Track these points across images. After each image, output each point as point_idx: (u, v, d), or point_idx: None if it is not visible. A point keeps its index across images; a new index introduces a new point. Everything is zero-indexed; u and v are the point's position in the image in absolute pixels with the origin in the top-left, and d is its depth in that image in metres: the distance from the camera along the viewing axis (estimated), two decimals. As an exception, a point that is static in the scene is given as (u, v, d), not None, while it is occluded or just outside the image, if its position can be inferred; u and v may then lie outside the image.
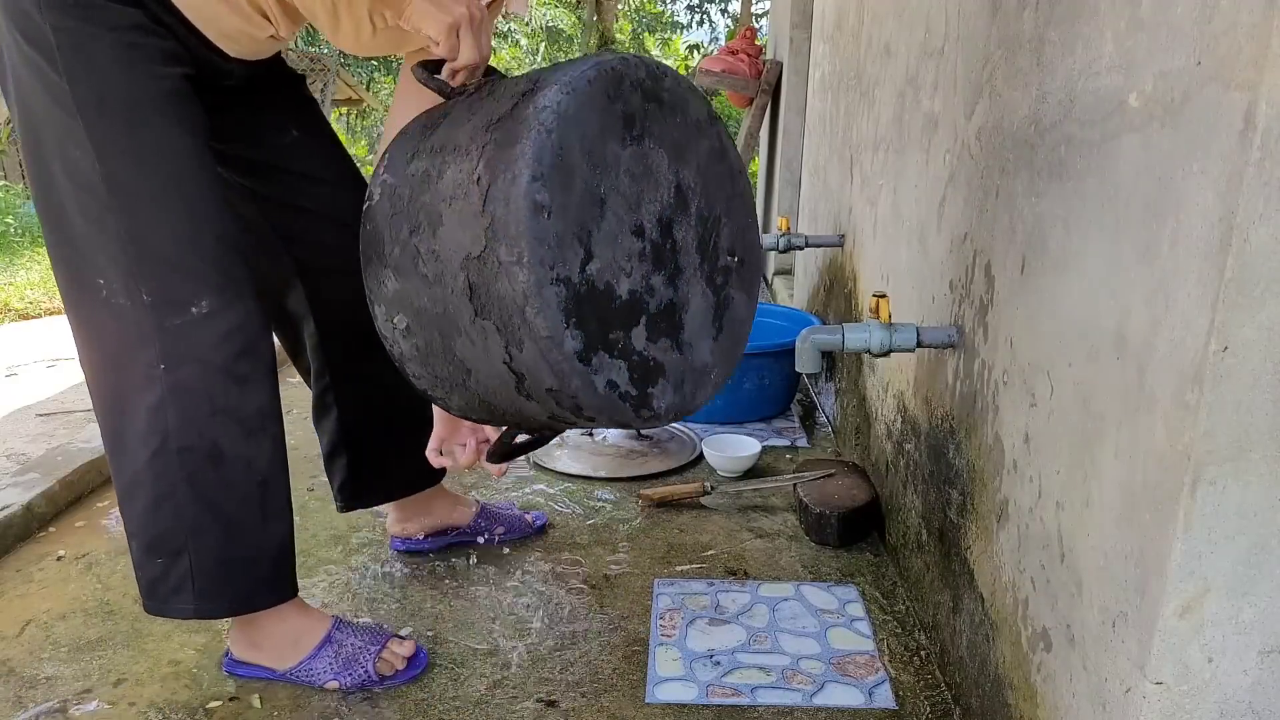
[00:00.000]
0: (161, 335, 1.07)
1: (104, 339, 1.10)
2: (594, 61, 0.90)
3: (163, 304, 1.07)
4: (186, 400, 1.09)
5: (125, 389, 1.10)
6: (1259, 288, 0.63)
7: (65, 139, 1.03)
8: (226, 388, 1.11)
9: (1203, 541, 0.69)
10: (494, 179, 0.83)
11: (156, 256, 1.06)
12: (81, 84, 1.01)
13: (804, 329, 1.32)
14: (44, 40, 1.00)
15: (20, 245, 5.11)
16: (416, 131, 0.99)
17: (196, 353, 1.08)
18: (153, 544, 1.15)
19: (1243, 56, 0.62)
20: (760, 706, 1.22)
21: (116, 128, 1.03)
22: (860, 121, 2.17)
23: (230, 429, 1.12)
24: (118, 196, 1.04)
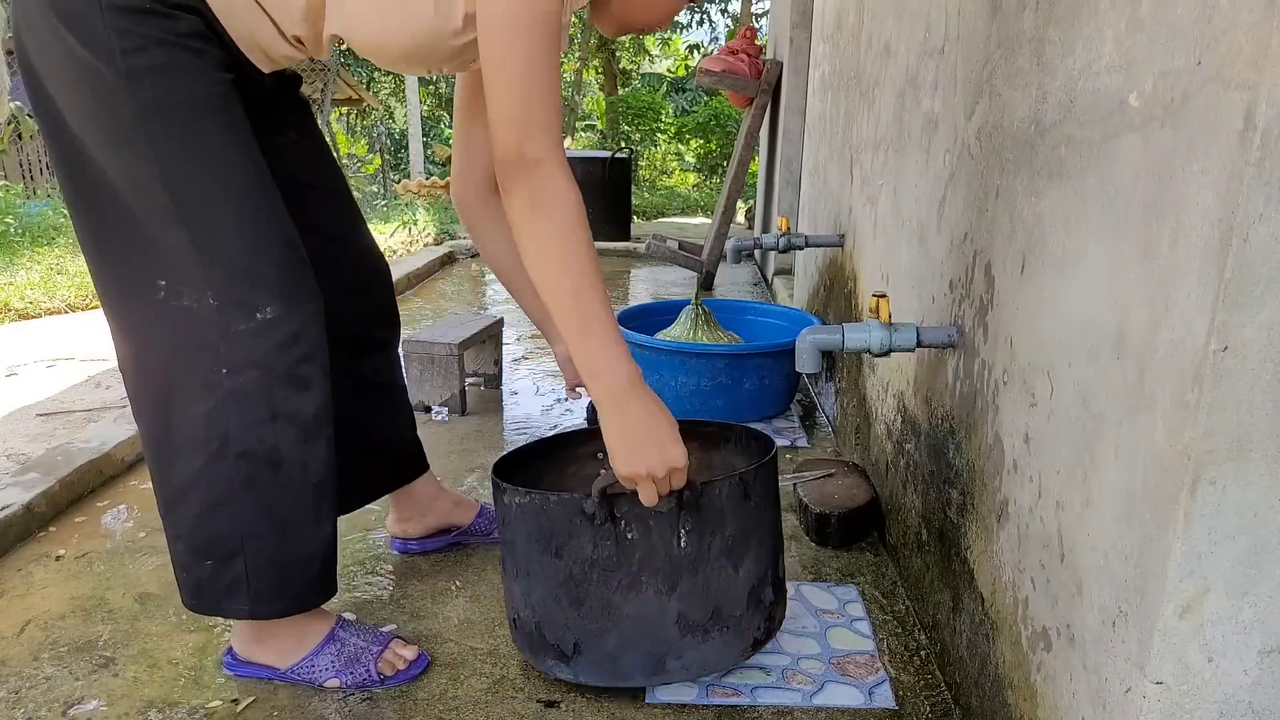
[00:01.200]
0: (225, 340, 1.06)
1: (157, 341, 1.09)
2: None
3: (229, 309, 1.06)
4: (247, 405, 1.09)
5: (178, 393, 1.09)
6: (1259, 288, 0.63)
7: (120, 143, 1.02)
8: (287, 393, 1.11)
9: (1203, 541, 0.69)
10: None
11: (223, 262, 1.06)
12: (145, 87, 1.00)
13: (804, 329, 1.32)
14: (103, 43, 0.98)
15: (20, 245, 5.11)
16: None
17: (260, 358, 1.08)
18: (203, 547, 1.15)
19: (1243, 56, 0.62)
20: (760, 706, 1.22)
21: (178, 132, 1.03)
22: (860, 121, 2.17)
23: (289, 434, 1.12)
24: (182, 203, 1.03)
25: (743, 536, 1.13)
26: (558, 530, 1.09)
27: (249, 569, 1.15)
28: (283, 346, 1.09)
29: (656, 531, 1.07)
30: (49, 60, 1.02)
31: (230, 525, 1.13)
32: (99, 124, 1.02)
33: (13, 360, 3.05)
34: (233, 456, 1.10)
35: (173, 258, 1.05)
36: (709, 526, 1.10)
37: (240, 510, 1.13)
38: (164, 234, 1.05)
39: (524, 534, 1.12)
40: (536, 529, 1.10)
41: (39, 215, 5.65)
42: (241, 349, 1.07)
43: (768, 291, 4.34)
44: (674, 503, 1.07)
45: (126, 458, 2.05)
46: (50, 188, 7.32)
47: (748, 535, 1.13)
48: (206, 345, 1.07)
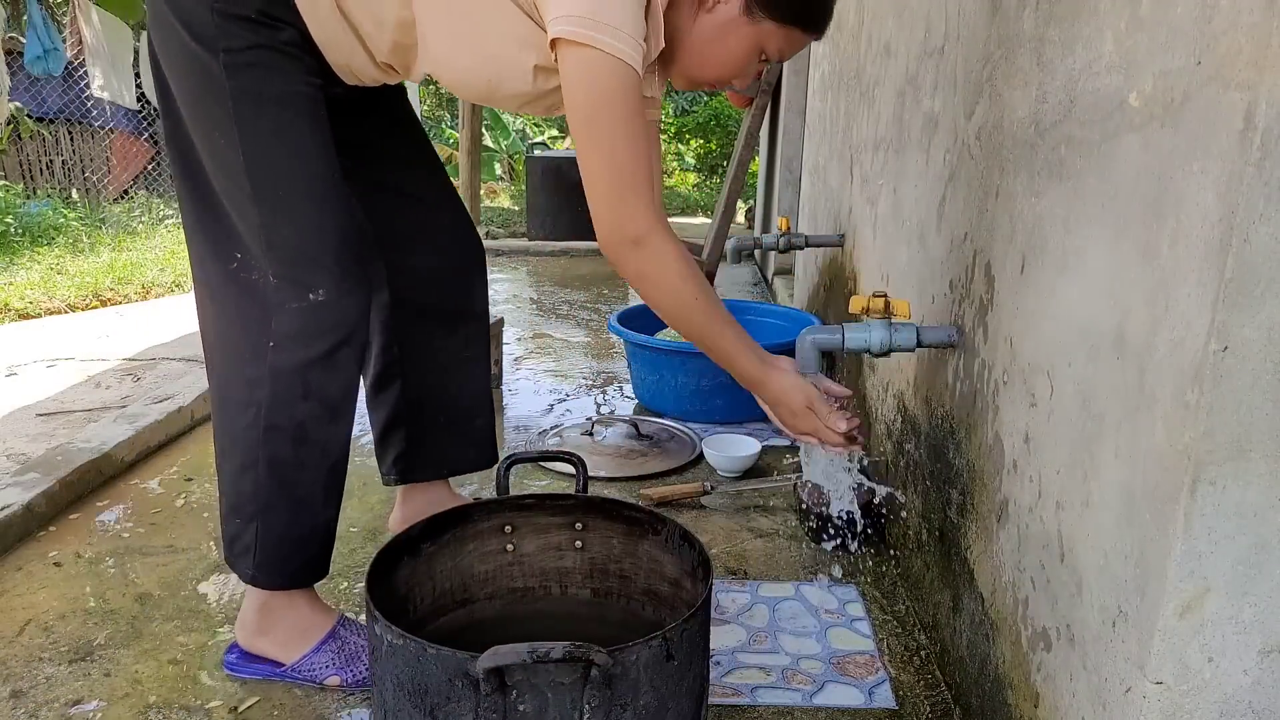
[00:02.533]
0: (278, 314, 1.15)
1: (228, 307, 1.19)
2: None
3: (287, 285, 1.14)
4: (284, 381, 1.16)
5: (236, 357, 1.19)
6: (1259, 288, 0.63)
7: (214, 128, 1.12)
8: (322, 375, 1.17)
9: (1203, 541, 0.69)
10: None
11: (286, 244, 1.14)
12: (240, 79, 1.10)
13: (804, 329, 1.32)
14: (211, 40, 1.09)
15: (20, 245, 5.11)
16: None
17: (304, 336, 1.15)
18: (235, 505, 1.24)
19: (1243, 56, 0.62)
20: (760, 706, 1.22)
21: (265, 123, 1.12)
22: (860, 121, 2.17)
23: (317, 413, 1.19)
24: (259, 186, 1.12)
25: (658, 706, 0.92)
26: (433, 689, 0.88)
27: (259, 537, 1.21)
28: (328, 329, 1.16)
29: (555, 707, 0.87)
30: (169, 51, 1.14)
31: (252, 491, 1.21)
32: (201, 109, 1.13)
33: (13, 360, 3.05)
34: (263, 428, 1.18)
35: (247, 234, 1.15)
36: (619, 700, 0.89)
37: (260, 480, 1.20)
38: (242, 211, 1.14)
39: (393, 680, 0.91)
40: (409, 680, 0.89)
41: (39, 215, 5.65)
42: (289, 325, 1.15)
43: (768, 291, 4.34)
44: (578, 674, 0.87)
45: (126, 458, 2.05)
46: (50, 188, 7.32)
47: (664, 705, 0.93)
48: (262, 317, 1.15)
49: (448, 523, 1.17)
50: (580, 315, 3.81)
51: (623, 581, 1.23)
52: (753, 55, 1.16)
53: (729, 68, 1.17)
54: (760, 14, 1.11)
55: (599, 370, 2.93)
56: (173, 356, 3.06)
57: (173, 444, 2.21)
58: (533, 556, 1.24)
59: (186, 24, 1.10)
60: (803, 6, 1.12)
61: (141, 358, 3.07)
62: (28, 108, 6.96)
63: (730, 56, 1.15)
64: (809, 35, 1.15)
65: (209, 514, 1.82)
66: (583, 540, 1.22)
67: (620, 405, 2.56)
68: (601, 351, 3.18)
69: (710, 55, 1.16)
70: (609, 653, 0.85)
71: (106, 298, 4.14)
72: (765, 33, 1.12)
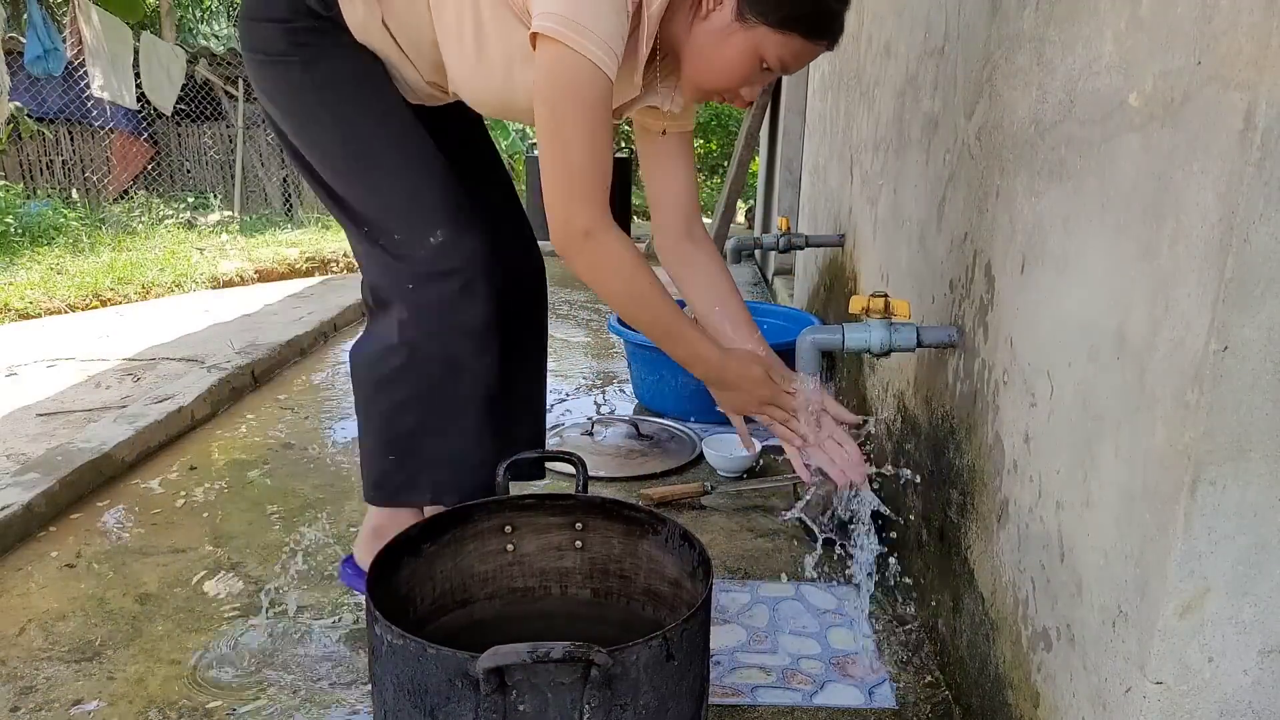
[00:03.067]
0: (410, 263, 1.24)
1: (373, 267, 1.29)
2: None
3: (409, 237, 1.24)
4: (430, 315, 1.25)
5: (386, 308, 1.29)
6: (1259, 288, 0.63)
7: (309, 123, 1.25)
8: (460, 307, 1.25)
9: (1203, 541, 0.69)
10: None
11: (396, 202, 1.24)
12: (316, 73, 1.22)
13: (804, 329, 1.32)
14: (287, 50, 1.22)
15: (20, 245, 5.11)
16: None
17: (436, 275, 1.24)
18: (390, 441, 1.30)
19: (1243, 56, 0.62)
20: (760, 706, 1.22)
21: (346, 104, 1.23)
22: (860, 121, 2.17)
23: (465, 345, 1.27)
24: (357, 156, 1.25)
25: (658, 706, 0.93)
26: (433, 689, 0.88)
27: (428, 462, 1.30)
28: (455, 265, 1.24)
29: (554, 707, 0.87)
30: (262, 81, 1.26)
31: (414, 421, 1.28)
32: (296, 115, 1.26)
33: (13, 360, 3.05)
34: (420, 360, 1.26)
35: (362, 206, 1.26)
36: (619, 700, 0.89)
37: (423, 409, 1.28)
38: (350, 187, 1.26)
39: (393, 680, 0.92)
40: (409, 680, 0.90)
41: (39, 215, 5.65)
42: (420, 267, 1.24)
43: (768, 291, 4.34)
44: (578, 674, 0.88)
45: (126, 458, 2.05)
46: (50, 188, 7.32)
47: (664, 705, 0.93)
48: (399, 270, 1.25)
49: (448, 523, 1.17)
50: (580, 315, 3.81)
51: (623, 581, 1.23)
52: (752, 63, 1.12)
53: (729, 76, 1.14)
54: (753, 18, 1.08)
55: (599, 370, 2.93)
56: (173, 356, 3.06)
57: (173, 444, 2.21)
58: (533, 556, 1.23)
59: (264, 50, 1.22)
60: (795, 8, 1.07)
61: (141, 358, 3.07)
62: (28, 108, 6.95)
63: (728, 64, 1.13)
64: (811, 43, 1.10)
65: (209, 514, 1.82)
66: (583, 540, 1.22)
67: (620, 405, 2.56)
68: (601, 351, 3.18)
69: (709, 63, 1.14)
70: (609, 653, 0.85)
71: (106, 298, 4.14)
72: (762, 38, 1.09)
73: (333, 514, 1.82)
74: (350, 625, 1.42)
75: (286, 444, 2.22)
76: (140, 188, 7.74)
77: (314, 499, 1.90)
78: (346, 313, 3.65)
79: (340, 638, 1.38)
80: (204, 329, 3.50)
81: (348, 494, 1.92)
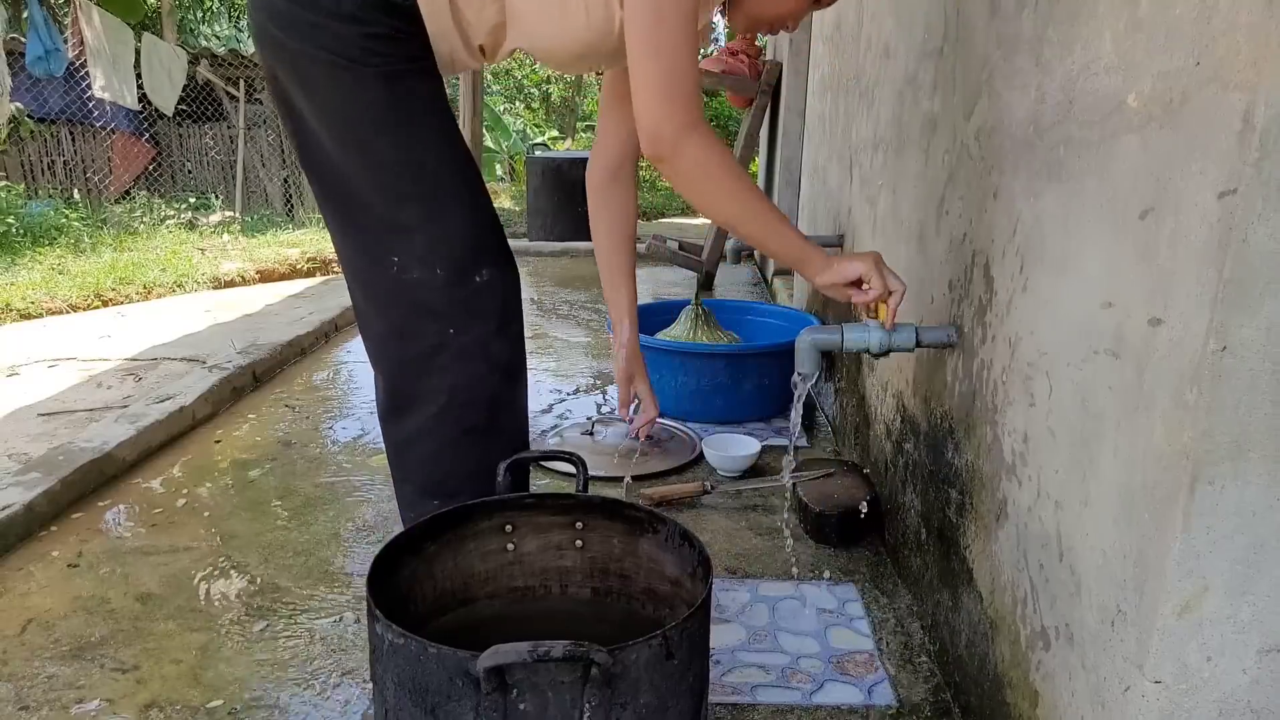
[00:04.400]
0: (450, 305, 1.22)
1: (396, 307, 1.24)
2: None
3: (453, 275, 1.21)
4: (470, 359, 1.24)
5: (413, 351, 1.25)
6: (1258, 288, 0.63)
7: (375, 137, 1.19)
8: (500, 345, 1.26)
9: (1201, 541, 0.69)
10: None
11: (449, 235, 1.22)
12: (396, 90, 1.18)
13: (803, 329, 1.32)
14: (363, 58, 1.16)
15: (22, 245, 5.11)
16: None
17: (479, 316, 1.24)
18: (432, 486, 1.30)
19: (1242, 56, 0.62)
20: (760, 705, 1.22)
21: (419, 129, 1.20)
22: (859, 122, 2.17)
23: (503, 383, 1.29)
24: (421, 183, 1.20)
25: (658, 705, 0.93)
26: (434, 688, 0.89)
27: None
28: (498, 305, 1.26)
29: (555, 706, 0.88)
30: (311, 80, 1.18)
31: (454, 466, 1.29)
32: (355, 124, 1.19)
33: (14, 360, 3.05)
34: (459, 406, 1.25)
35: (403, 233, 1.21)
36: (619, 699, 0.90)
37: (462, 452, 1.28)
38: (395, 213, 1.21)
39: (394, 679, 0.92)
40: (410, 679, 0.90)
41: (40, 215, 5.65)
42: (465, 309, 1.23)
43: (767, 291, 4.34)
44: (578, 673, 0.88)
45: (128, 457, 2.05)
46: (51, 188, 7.33)
47: (664, 704, 0.94)
48: (435, 310, 1.22)
49: (448, 522, 1.17)
50: (580, 315, 3.81)
51: (623, 581, 1.23)
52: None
53: (788, 6, 1.24)
54: None
55: (599, 370, 2.93)
56: (174, 356, 3.06)
57: (174, 444, 2.22)
58: (533, 556, 1.24)
59: (335, 50, 1.15)
60: None
61: (143, 358, 3.07)
62: (29, 108, 6.96)
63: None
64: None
65: (210, 513, 1.82)
66: (583, 540, 1.23)
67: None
68: (601, 351, 3.18)
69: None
70: (609, 652, 0.85)
71: (108, 298, 4.14)
72: None
73: (334, 513, 1.82)
74: (352, 624, 1.42)
75: (287, 443, 2.22)
76: (141, 188, 7.75)
77: (315, 498, 1.90)
78: (347, 313, 3.65)
79: (341, 636, 1.39)
80: (205, 329, 3.51)
81: (349, 493, 1.92)
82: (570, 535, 1.23)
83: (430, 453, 1.29)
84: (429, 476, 1.30)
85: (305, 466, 2.07)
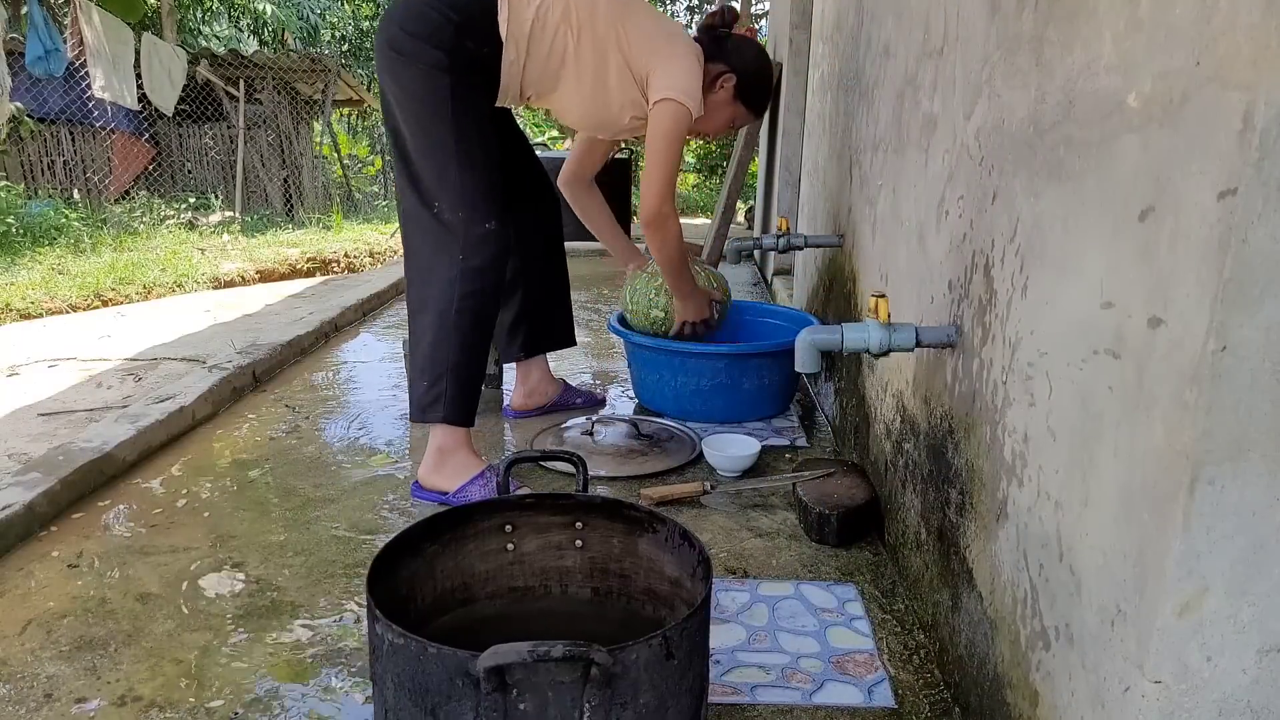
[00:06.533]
0: (466, 238, 1.79)
1: (433, 236, 1.81)
2: None
3: (471, 219, 1.79)
4: (472, 280, 1.79)
5: (436, 269, 1.80)
6: (1258, 288, 0.63)
7: (436, 124, 1.77)
8: (492, 275, 1.83)
9: (1201, 541, 0.69)
10: None
11: (473, 191, 1.79)
12: (460, 95, 1.76)
13: (803, 329, 1.32)
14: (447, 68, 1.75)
15: (22, 245, 5.11)
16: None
17: (483, 251, 1.80)
18: (426, 370, 1.82)
19: (1242, 56, 0.62)
20: (759, 705, 1.22)
21: (467, 121, 1.78)
22: (859, 122, 2.17)
23: (490, 300, 1.85)
24: (461, 157, 1.77)
25: (658, 705, 0.93)
26: (434, 688, 0.89)
27: (449, 388, 1.82)
28: (496, 245, 1.82)
29: (555, 706, 0.88)
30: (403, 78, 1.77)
31: (444, 356, 1.81)
32: (427, 112, 1.77)
33: (14, 360, 3.05)
34: (454, 312, 1.79)
35: (445, 190, 1.78)
36: (619, 699, 0.90)
37: (452, 347, 1.81)
38: (443, 175, 1.78)
39: (394, 679, 0.92)
40: (410, 679, 0.90)
41: (40, 215, 5.66)
42: (475, 245, 1.79)
43: (767, 292, 4.34)
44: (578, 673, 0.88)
45: (128, 457, 2.05)
46: (51, 188, 7.32)
47: (664, 704, 0.93)
48: (454, 243, 1.79)
49: (449, 522, 1.17)
50: (580, 315, 3.81)
51: (623, 581, 1.23)
52: (729, 123, 2.12)
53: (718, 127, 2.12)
54: (739, 101, 2.08)
55: (599, 370, 2.93)
56: (174, 356, 3.06)
57: (174, 444, 2.22)
58: (533, 556, 1.24)
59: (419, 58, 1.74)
60: (761, 102, 2.14)
61: (143, 358, 3.07)
62: (29, 108, 6.95)
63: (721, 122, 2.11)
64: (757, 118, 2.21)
65: (210, 513, 1.82)
66: (583, 540, 1.23)
67: (620, 405, 2.56)
68: (601, 351, 3.18)
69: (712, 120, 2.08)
70: (609, 651, 0.85)
71: (108, 298, 4.15)
72: (739, 111, 2.10)
73: (334, 513, 1.82)
74: (352, 624, 1.42)
75: (287, 443, 2.22)
76: (141, 188, 7.75)
77: (315, 498, 1.90)
78: (347, 313, 3.66)
79: (341, 637, 1.39)
80: (205, 329, 3.51)
81: (349, 493, 1.92)
82: (570, 535, 1.23)
83: (430, 344, 1.81)
84: (426, 363, 1.83)
85: (305, 466, 2.07)
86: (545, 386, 2.44)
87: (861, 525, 1.69)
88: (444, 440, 1.84)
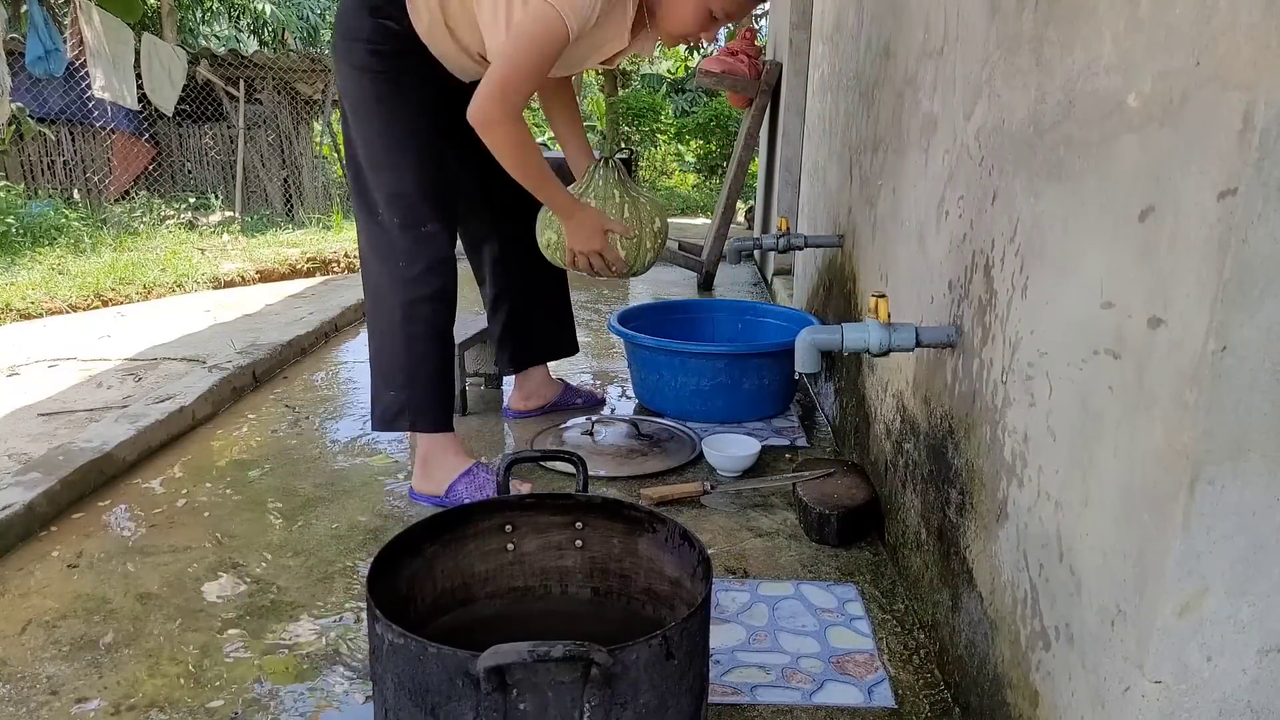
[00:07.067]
0: (405, 244, 1.75)
1: (377, 245, 1.78)
2: None
3: (407, 225, 1.75)
4: (414, 285, 1.76)
5: (384, 277, 1.78)
6: (1257, 288, 0.63)
7: (368, 125, 1.73)
8: (434, 278, 1.78)
9: (1201, 541, 0.69)
10: None
11: (406, 195, 1.74)
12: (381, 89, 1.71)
13: (803, 329, 1.32)
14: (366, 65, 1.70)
15: (21, 245, 5.11)
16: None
17: (423, 255, 1.76)
18: (387, 377, 1.82)
19: (1242, 56, 0.62)
20: (759, 705, 1.22)
21: (396, 120, 1.73)
22: (859, 122, 2.17)
23: (441, 303, 1.81)
24: (393, 155, 1.73)
25: (658, 705, 0.93)
26: (434, 688, 0.88)
27: (412, 397, 1.80)
28: (434, 249, 1.77)
29: (555, 705, 0.87)
30: (345, 82, 1.74)
31: (403, 365, 1.79)
32: (360, 115, 1.73)
33: (14, 360, 3.05)
34: (405, 320, 1.77)
35: (382, 193, 1.74)
36: (619, 699, 0.89)
37: (411, 355, 1.79)
38: (378, 177, 1.74)
39: (394, 679, 0.92)
40: (410, 679, 0.90)
41: (40, 215, 5.65)
42: (414, 249, 1.75)
43: (767, 292, 4.34)
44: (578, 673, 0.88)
45: (128, 457, 2.05)
46: (51, 188, 7.32)
47: (664, 704, 0.93)
48: (395, 248, 1.76)
49: (448, 522, 1.17)
50: (580, 315, 3.81)
51: (623, 581, 1.23)
52: (703, 15, 1.65)
53: (689, 26, 1.67)
54: None
55: (599, 370, 2.93)
56: (174, 356, 3.06)
57: (174, 444, 2.22)
58: (533, 556, 1.24)
59: (353, 63, 1.70)
60: None
61: (143, 358, 3.07)
62: (29, 108, 6.95)
63: (687, 17, 1.66)
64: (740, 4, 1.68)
65: (210, 513, 1.82)
66: (583, 540, 1.23)
67: (620, 405, 2.56)
68: (601, 351, 3.18)
69: (675, 17, 1.67)
70: (609, 652, 0.85)
71: (108, 298, 4.14)
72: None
73: (334, 513, 1.82)
74: (352, 624, 1.42)
75: (287, 443, 2.22)
76: (141, 188, 7.75)
77: (315, 498, 1.90)
78: (347, 313, 3.66)
79: (341, 637, 1.39)
80: (205, 329, 3.51)
81: (349, 493, 1.92)
82: (570, 535, 1.23)
83: (387, 354, 1.81)
84: (386, 371, 1.82)
85: (305, 466, 2.07)
86: (544, 389, 2.42)
87: (861, 525, 1.69)
88: (426, 447, 1.84)
